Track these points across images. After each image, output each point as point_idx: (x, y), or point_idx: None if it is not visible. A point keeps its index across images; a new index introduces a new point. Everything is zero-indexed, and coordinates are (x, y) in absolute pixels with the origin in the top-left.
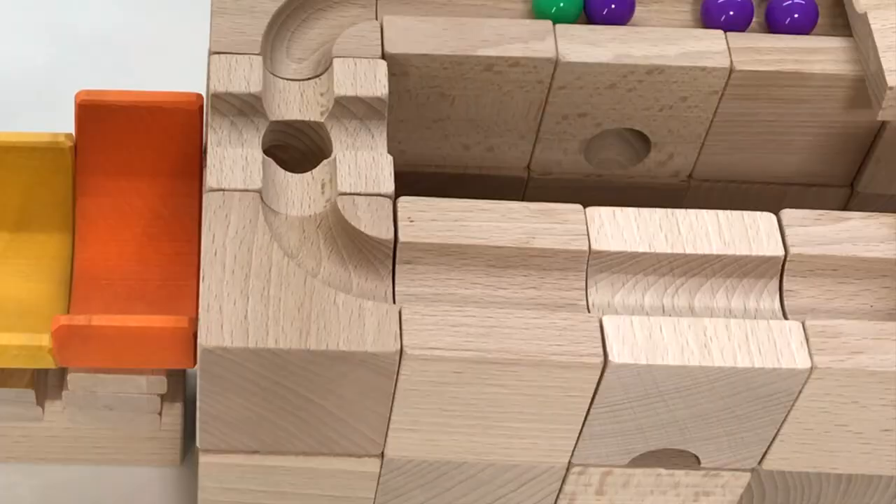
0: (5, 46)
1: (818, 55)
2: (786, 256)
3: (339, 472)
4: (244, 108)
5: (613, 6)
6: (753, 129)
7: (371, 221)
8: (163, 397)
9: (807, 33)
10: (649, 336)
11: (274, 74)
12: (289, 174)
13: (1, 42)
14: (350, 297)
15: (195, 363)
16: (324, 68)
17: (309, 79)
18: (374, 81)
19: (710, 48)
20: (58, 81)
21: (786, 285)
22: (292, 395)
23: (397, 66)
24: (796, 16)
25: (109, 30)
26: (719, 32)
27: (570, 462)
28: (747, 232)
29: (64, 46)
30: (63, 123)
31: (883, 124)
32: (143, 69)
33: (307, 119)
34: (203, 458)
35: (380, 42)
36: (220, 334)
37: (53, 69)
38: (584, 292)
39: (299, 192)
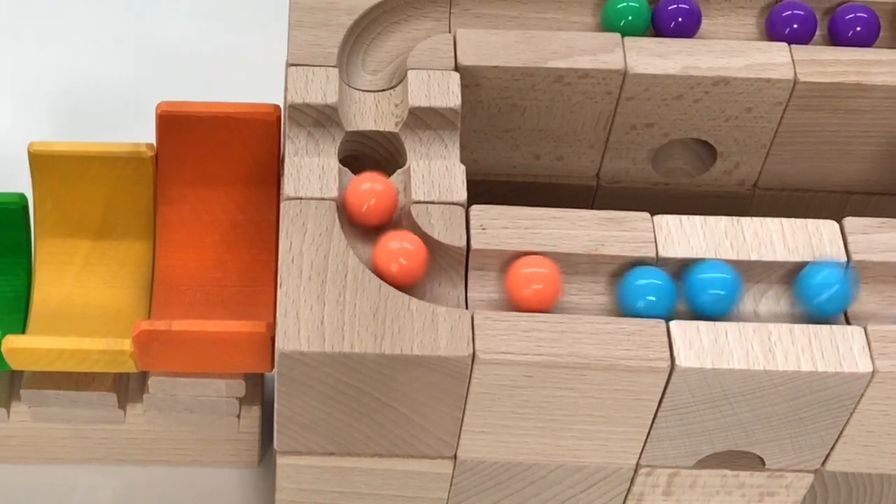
0: (89, 59)
1: (880, 67)
2: (848, 263)
3: (412, 473)
4: (321, 118)
5: (681, 19)
6: (816, 139)
7: (444, 229)
8: (241, 400)
9: (869, 45)
10: (715, 341)
11: (350, 86)
12: None
13: (85, 55)
14: (424, 302)
15: (272, 367)
16: (398, 80)
17: (384, 90)
18: (447, 93)
19: (775, 60)
20: (139, 93)
21: None
22: (367, 398)
23: (470, 78)
24: (859, 28)
25: (189, 43)
26: (783, 45)
27: (638, 463)
28: (810, 239)
29: (146, 59)
30: (144, 134)
31: None
32: (222, 81)
33: (382, 129)
34: (280, 460)
35: (453, 54)
36: (297, 339)
37: (135, 81)
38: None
39: None
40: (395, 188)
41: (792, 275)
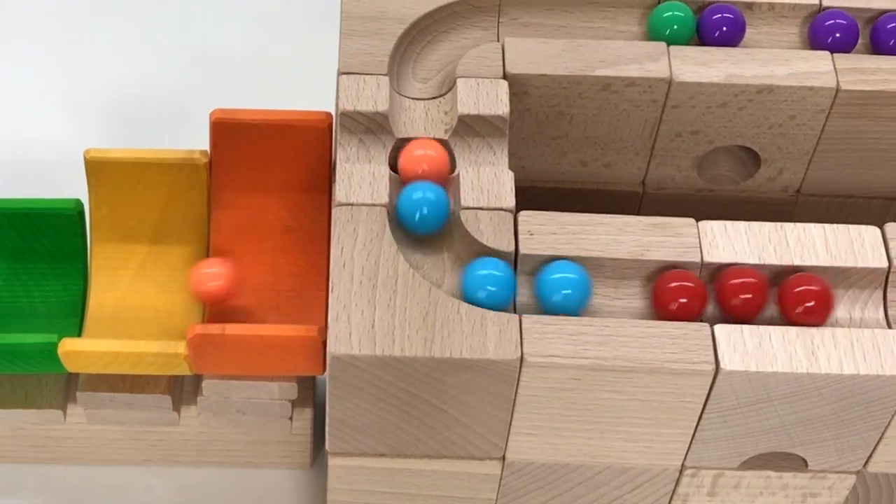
0: (144, 67)
1: None
2: (890, 268)
3: (462, 474)
4: (371, 126)
5: (725, 28)
6: (859, 146)
7: (493, 234)
8: (293, 403)
9: None
10: (759, 344)
11: (400, 94)
12: None
13: (139, 63)
14: (473, 306)
15: (324, 370)
16: (448, 88)
17: (433, 98)
18: (495, 100)
19: (818, 69)
20: (193, 100)
21: (890, 296)
22: (417, 400)
23: (518, 86)
24: None
25: (242, 50)
26: (826, 53)
27: (683, 464)
28: (853, 245)
29: (199, 67)
30: (198, 140)
31: None
32: (274, 88)
33: (432, 136)
34: (332, 461)
35: (501, 63)
36: (349, 343)
37: (189, 88)
38: None
39: None
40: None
41: (834, 279)
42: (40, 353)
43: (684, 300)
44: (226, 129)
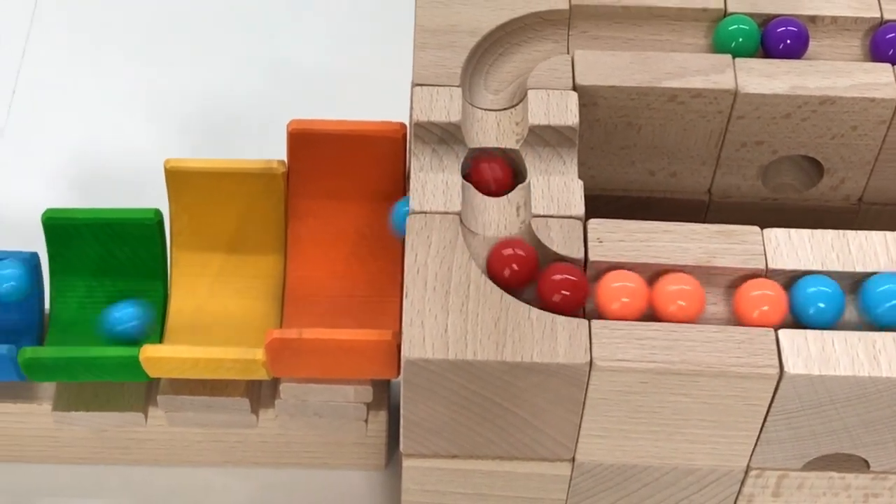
0: (222, 79)
1: None
2: None
3: (532, 475)
4: (445, 136)
5: (789, 41)
6: None
7: (563, 242)
8: (369, 406)
9: None
10: (822, 349)
11: (472, 105)
12: (486, 198)
13: (218, 75)
14: (543, 311)
15: (398, 374)
16: (519, 99)
17: (505, 109)
18: (565, 111)
19: (879, 80)
20: (270, 111)
21: None
22: (489, 403)
23: (587, 97)
24: None
25: (319, 63)
26: (887, 66)
27: (748, 466)
28: None
29: (277, 79)
30: (275, 150)
31: None
32: (349, 99)
33: (503, 146)
34: (406, 463)
35: (571, 75)
36: (423, 347)
37: (266, 100)
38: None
39: (496, 215)
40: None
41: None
42: (122, 365)
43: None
44: (303, 139)
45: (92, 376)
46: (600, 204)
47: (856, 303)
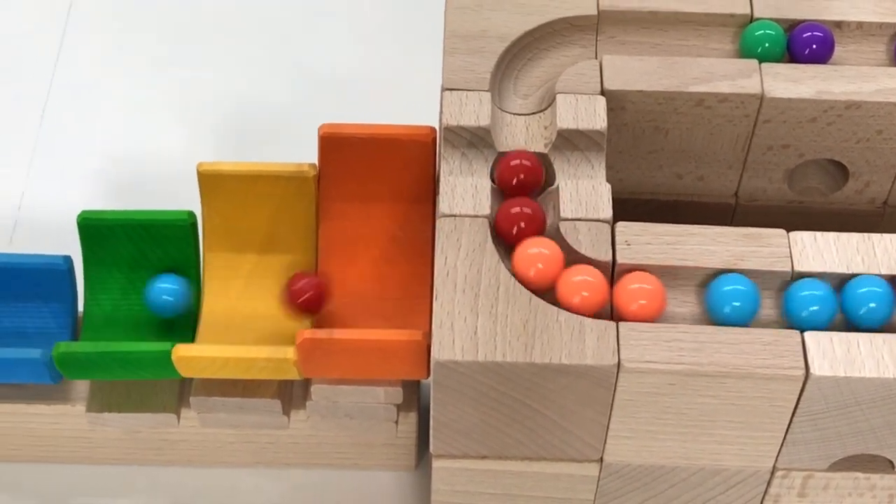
0: (254, 83)
1: None
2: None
3: (561, 475)
4: (474, 140)
5: (815, 46)
6: None
7: (591, 244)
8: (399, 407)
9: None
10: (847, 351)
11: (501, 109)
12: None
13: (250, 79)
14: (571, 314)
15: (428, 375)
16: (547, 103)
17: (533, 113)
18: (593, 115)
19: None
20: (301, 115)
21: None
22: (518, 404)
23: (615, 102)
24: None
25: (350, 68)
26: None
27: (774, 466)
28: None
29: (308, 83)
30: (306, 154)
31: None
32: (380, 104)
33: (532, 150)
34: (436, 463)
35: (599, 79)
36: (452, 348)
37: (297, 104)
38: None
39: None
40: (543, 213)
41: None
42: (156, 360)
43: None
44: (334, 142)
45: (125, 372)
46: (628, 207)
47: None
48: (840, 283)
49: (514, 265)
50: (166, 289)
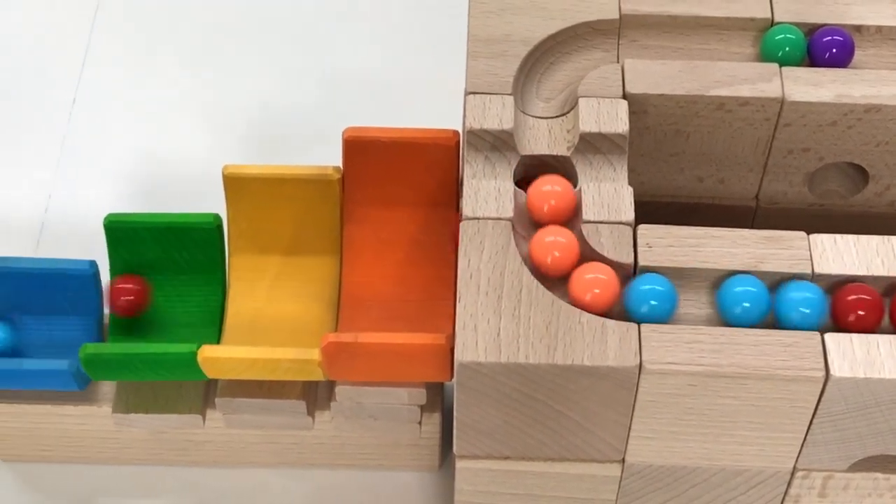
0: (278, 87)
1: None
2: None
3: (583, 476)
4: (497, 143)
5: (835, 50)
6: None
7: (613, 247)
8: (422, 408)
9: None
10: (867, 352)
11: (524, 113)
12: None
13: (274, 83)
14: (593, 315)
15: (452, 377)
16: (570, 107)
17: (556, 117)
18: (615, 119)
19: None
20: (326, 119)
21: None
22: (541, 405)
23: (637, 105)
24: None
25: (373, 72)
26: None
27: (794, 467)
28: None
29: (332, 87)
30: (330, 157)
31: None
32: (403, 107)
33: (555, 153)
34: (459, 464)
35: (621, 83)
36: (475, 350)
37: (322, 107)
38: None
39: None
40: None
41: None
42: (182, 361)
43: (862, 313)
44: (358, 146)
45: (151, 373)
46: (650, 210)
47: None
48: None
49: (531, 251)
50: None
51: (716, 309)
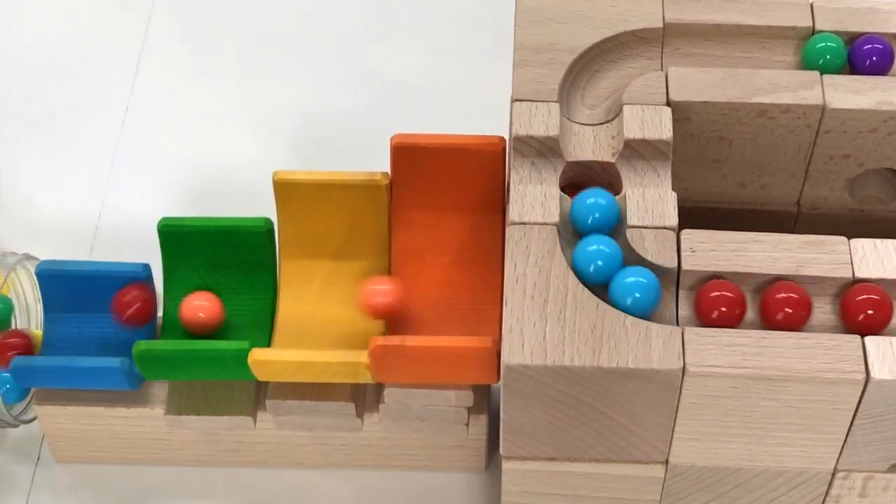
0: (327, 94)
1: None
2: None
3: (628, 477)
4: (543, 149)
5: (875, 58)
6: None
7: (657, 251)
8: (469, 410)
9: None
10: None
11: (570, 119)
12: None
13: (323, 90)
14: (638, 319)
15: (498, 379)
16: (614, 114)
17: (601, 123)
18: (659, 126)
19: None
20: (373, 125)
21: None
22: (586, 407)
23: (681, 112)
24: None
25: (421, 79)
26: None
27: (835, 468)
28: None
29: (381, 93)
30: (378, 163)
31: None
32: (450, 114)
33: (600, 160)
34: (505, 465)
35: (665, 90)
36: (522, 353)
37: (369, 114)
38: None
39: None
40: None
41: None
42: (234, 359)
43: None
44: (405, 152)
45: (203, 371)
46: (693, 215)
47: None
48: None
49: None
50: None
51: (757, 313)
